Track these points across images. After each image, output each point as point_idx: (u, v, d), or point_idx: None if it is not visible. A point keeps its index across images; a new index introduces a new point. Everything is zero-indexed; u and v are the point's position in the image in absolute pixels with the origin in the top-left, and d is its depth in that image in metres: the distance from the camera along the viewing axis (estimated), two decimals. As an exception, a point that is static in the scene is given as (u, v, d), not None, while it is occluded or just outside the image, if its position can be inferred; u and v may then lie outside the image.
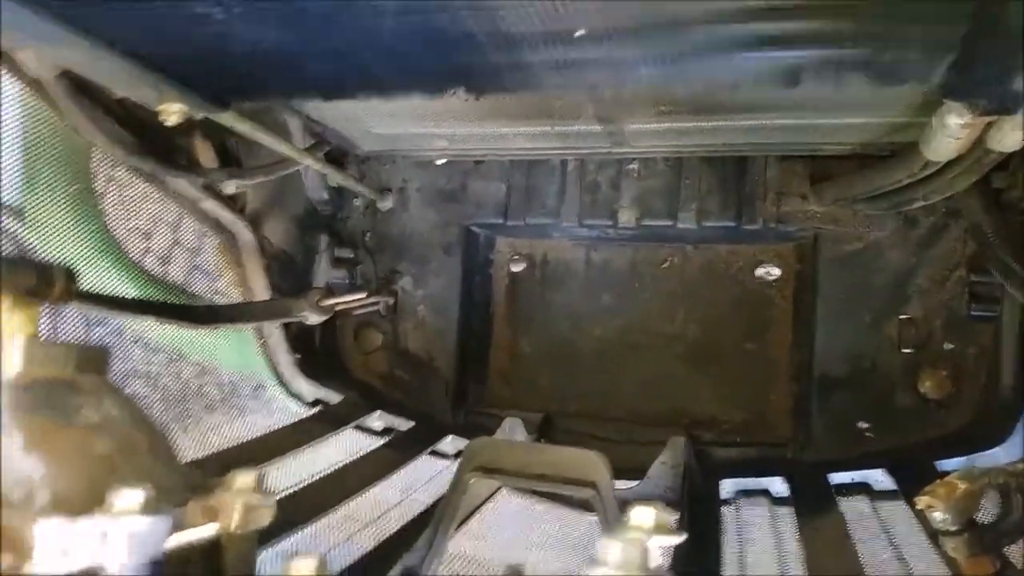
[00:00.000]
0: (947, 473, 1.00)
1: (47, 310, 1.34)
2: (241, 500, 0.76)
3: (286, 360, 1.95)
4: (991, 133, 1.09)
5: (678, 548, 0.76)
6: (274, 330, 1.92)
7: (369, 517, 1.63)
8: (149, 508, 0.62)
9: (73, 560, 0.60)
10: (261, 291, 1.88)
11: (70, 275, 0.84)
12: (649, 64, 1.04)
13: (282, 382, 1.97)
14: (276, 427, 1.77)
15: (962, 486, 0.97)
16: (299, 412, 1.98)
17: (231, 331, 1.86)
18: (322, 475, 1.60)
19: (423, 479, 1.87)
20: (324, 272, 2.14)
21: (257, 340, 1.91)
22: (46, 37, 0.96)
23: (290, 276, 2.02)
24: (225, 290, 1.95)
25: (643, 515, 0.66)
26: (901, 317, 1.72)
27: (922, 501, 0.98)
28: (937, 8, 0.91)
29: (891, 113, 1.41)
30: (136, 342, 2.02)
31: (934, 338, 1.70)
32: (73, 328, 1.58)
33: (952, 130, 1.08)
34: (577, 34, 0.95)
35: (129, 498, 0.61)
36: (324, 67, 1.11)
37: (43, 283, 0.81)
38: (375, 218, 2.16)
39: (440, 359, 2.09)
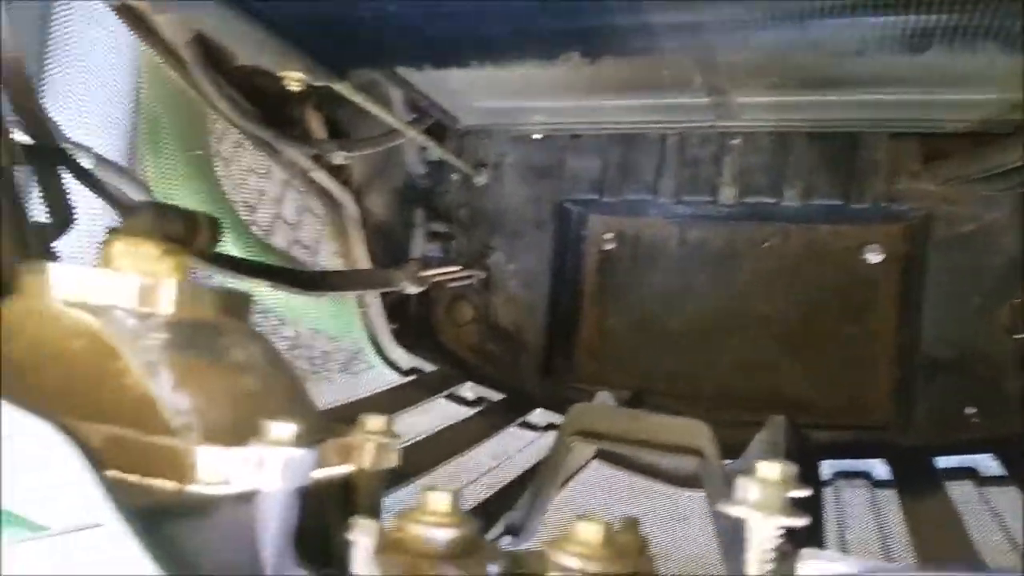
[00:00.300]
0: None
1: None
2: (373, 441, 0.80)
3: (384, 329, 2.01)
4: None
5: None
6: (374, 299, 1.98)
7: (465, 480, 1.67)
8: (300, 441, 0.66)
9: (233, 484, 0.65)
10: (363, 262, 1.94)
11: (215, 224, 0.88)
12: (771, 26, 1.02)
13: (379, 350, 2.03)
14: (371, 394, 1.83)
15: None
16: (392, 382, 2.03)
17: (334, 299, 1.92)
18: (419, 438, 1.65)
19: (514, 448, 1.90)
20: (419, 246, 2.19)
21: (358, 308, 1.97)
22: (189, 2, 1.02)
23: (388, 248, 2.08)
24: (326, 261, 2.02)
25: (769, 469, 0.67)
26: (1014, 302, 1.65)
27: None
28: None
29: (1019, 87, 1.35)
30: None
31: (1050, 324, 1.63)
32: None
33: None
34: None
35: (282, 430, 0.65)
36: (444, 34, 1.14)
37: (190, 231, 0.86)
38: (470, 193, 2.19)
39: (529, 333, 2.11)
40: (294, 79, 1.24)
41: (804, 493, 0.70)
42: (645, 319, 2.06)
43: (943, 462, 1.54)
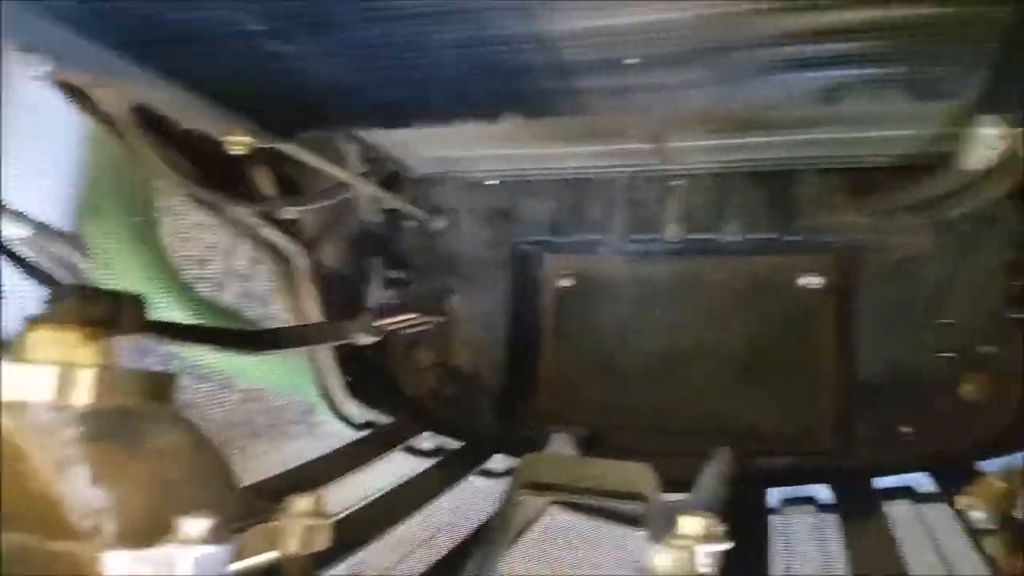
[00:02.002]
0: (990, 475, 0.99)
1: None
2: (300, 525, 0.79)
3: (336, 383, 1.98)
4: (1024, 143, 1.10)
5: (726, 558, 0.76)
6: (325, 353, 1.96)
7: (420, 538, 1.65)
8: (213, 536, 0.65)
9: (143, 587, 0.63)
10: (314, 315, 1.92)
11: (140, 304, 0.87)
12: (696, 88, 1.06)
13: (332, 406, 2.00)
14: (325, 451, 1.80)
15: (999, 484, 0.96)
16: (348, 435, 2.00)
17: (284, 356, 1.90)
18: (373, 498, 1.63)
19: (473, 499, 1.88)
20: (376, 293, 2.18)
21: (309, 363, 1.95)
22: (125, 75, 1.02)
23: (344, 298, 2.06)
24: (278, 315, 2.00)
25: (691, 524, 0.68)
26: (941, 322, 1.72)
27: (961, 501, 0.97)
28: (973, 27, 0.92)
29: (929, 126, 1.43)
30: (183, 371, 2.06)
31: (974, 342, 1.69)
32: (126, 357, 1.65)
33: (988, 141, 1.11)
34: (628, 62, 0.99)
35: (195, 526, 0.64)
36: (387, 98, 1.16)
37: (115, 313, 0.84)
38: (427, 239, 2.20)
39: (488, 375, 2.11)
40: (237, 143, 1.23)
41: (724, 548, 0.71)
42: (603, 355, 2.09)
43: (883, 482, 1.57)
